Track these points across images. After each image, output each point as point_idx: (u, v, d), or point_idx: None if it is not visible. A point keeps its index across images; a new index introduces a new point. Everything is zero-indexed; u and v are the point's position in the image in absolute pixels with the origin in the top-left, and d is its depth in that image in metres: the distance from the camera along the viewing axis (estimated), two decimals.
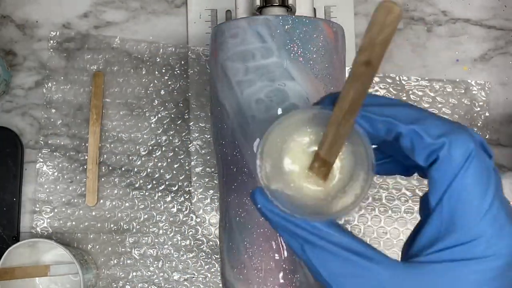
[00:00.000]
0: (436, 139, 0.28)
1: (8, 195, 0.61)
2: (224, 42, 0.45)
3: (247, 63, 0.44)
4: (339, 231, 0.29)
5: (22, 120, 0.62)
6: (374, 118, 0.29)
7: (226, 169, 0.46)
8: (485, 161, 0.28)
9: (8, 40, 0.63)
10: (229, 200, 0.46)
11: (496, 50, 0.63)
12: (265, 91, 0.44)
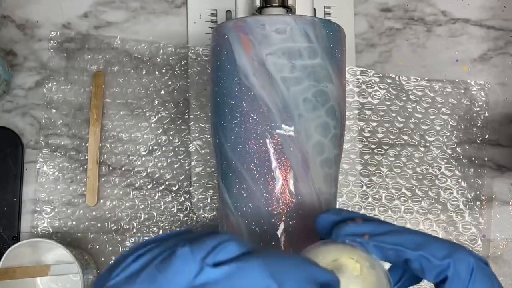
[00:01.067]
0: (442, 261, 0.33)
1: (9, 195, 0.61)
2: (266, 36, 0.45)
3: (294, 61, 0.44)
4: None
5: (23, 120, 0.62)
6: (384, 247, 0.33)
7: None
8: (485, 269, 0.33)
9: (8, 40, 0.63)
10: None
11: (496, 50, 0.63)
12: (312, 91, 0.45)
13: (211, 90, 0.48)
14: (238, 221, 0.46)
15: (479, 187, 0.61)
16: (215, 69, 0.47)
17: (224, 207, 0.47)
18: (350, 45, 0.62)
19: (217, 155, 0.48)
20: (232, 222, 0.46)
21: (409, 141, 0.62)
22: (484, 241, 0.61)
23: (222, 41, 0.46)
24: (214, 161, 0.61)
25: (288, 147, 0.44)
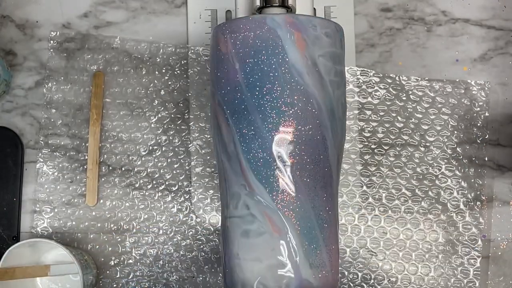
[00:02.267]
0: None
1: (8, 195, 0.61)
2: (318, 37, 0.46)
3: (336, 66, 0.47)
4: None
5: (22, 120, 0.62)
6: None
7: None
8: None
9: (8, 40, 0.63)
10: None
11: (496, 50, 0.63)
12: (344, 96, 0.48)
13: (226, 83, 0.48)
14: None
15: (479, 187, 0.61)
16: (251, 58, 0.45)
17: None
18: (350, 45, 0.62)
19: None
20: None
21: (409, 141, 0.61)
22: (484, 241, 0.61)
23: (267, 35, 0.45)
24: (214, 161, 0.61)
25: (331, 146, 0.46)
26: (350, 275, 0.60)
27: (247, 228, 0.46)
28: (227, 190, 0.47)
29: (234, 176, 0.46)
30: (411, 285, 0.60)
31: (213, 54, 0.48)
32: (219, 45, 0.47)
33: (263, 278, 0.45)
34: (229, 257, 0.47)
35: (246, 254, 0.46)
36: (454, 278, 0.60)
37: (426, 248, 0.61)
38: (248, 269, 0.45)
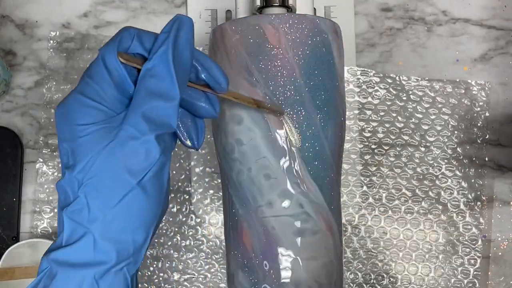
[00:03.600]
0: None
1: (8, 195, 0.61)
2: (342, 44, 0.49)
3: None
4: None
5: (22, 120, 0.62)
6: None
7: None
8: None
9: (8, 40, 0.63)
10: None
11: (496, 50, 0.63)
12: None
13: None
14: None
15: (479, 187, 0.61)
16: (306, 59, 0.45)
17: None
18: (350, 45, 0.62)
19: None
20: None
21: (409, 141, 0.61)
22: (484, 242, 0.61)
23: (320, 38, 0.46)
24: (215, 161, 0.61)
25: None
26: (350, 275, 0.60)
27: (302, 227, 0.45)
28: (272, 188, 0.46)
29: (285, 174, 0.45)
30: (411, 285, 0.60)
31: (258, 46, 0.46)
32: (268, 37, 0.45)
33: (318, 276, 0.45)
34: (271, 256, 0.45)
35: (301, 253, 0.45)
36: (454, 278, 0.60)
37: (426, 248, 0.61)
38: (304, 268, 0.45)
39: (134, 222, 0.36)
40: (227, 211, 0.48)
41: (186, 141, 0.39)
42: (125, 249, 0.36)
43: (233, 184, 0.46)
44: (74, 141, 0.36)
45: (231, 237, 0.47)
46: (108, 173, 0.35)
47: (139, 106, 0.36)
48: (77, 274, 0.35)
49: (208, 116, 0.40)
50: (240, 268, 0.46)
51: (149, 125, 0.36)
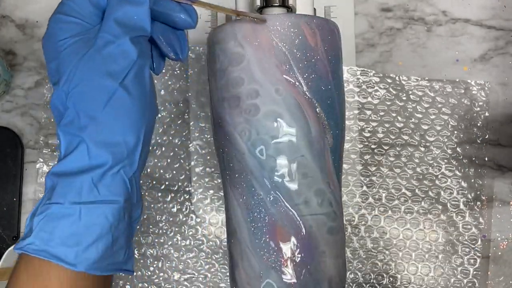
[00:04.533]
0: None
1: (8, 195, 0.61)
2: None
3: None
4: None
5: (22, 120, 0.62)
6: None
7: None
8: None
9: (8, 40, 0.63)
10: None
11: (496, 50, 0.63)
12: None
13: None
14: None
15: (479, 187, 0.61)
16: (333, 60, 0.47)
17: None
18: (350, 45, 0.62)
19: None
20: None
21: (409, 141, 0.61)
22: (484, 241, 0.61)
23: (339, 41, 0.49)
24: (215, 161, 0.61)
25: None
26: (350, 274, 0.60)
27: (331, 225, 0.46)
28: (309, 187, 0.46)
29: (320, 173, 0.46)
30: (411, 285, 0.60)
31: (299, 44, 0.46)
32: (307, 37, 0.46)
33: (341, 274, 0.47)
34: (309, 255, 0.46)
35: (331, 251, 0.46)
36: (454, 278, 0.60)
37: (426, 248, 0.61)
38: (334, 266, 0.46)
39: (122, 124, 0.38)
40: (250, 210, 0.46)
41: (170, 54, 0.41)
42: (118, 152, 0.38)
43: (263, 182, 0.46)
44: (57, 57, 0.38)
45: (255, 237, 0.46)
46: (90, 79, 0.37)
47: (111, 13, 0.38)
48: (75, 180, 0.37)
49: (186, 26, 0.41)
50: (273, 269, 0.45)
51: (123, 29, 0.38)
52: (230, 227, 0.48)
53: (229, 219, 0.48)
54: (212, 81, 0.48)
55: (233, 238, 0.47)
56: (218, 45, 0.47)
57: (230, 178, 0.47)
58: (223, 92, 0.46)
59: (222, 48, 0.46)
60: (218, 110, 0.47)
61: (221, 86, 0.47)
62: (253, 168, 0.46)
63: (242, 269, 0.46)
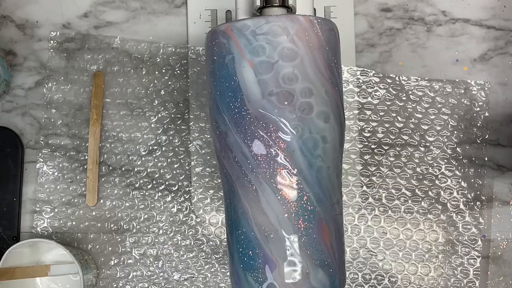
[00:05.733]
0: None
1: (8, 195, 0.61)
2: None
3: None
4: None
5: (22, 120, 0.62)
6: None
7: None
8: None
9: (8, 40, 0.63)
10: None
11: (496, 50, 0.63)
12: None
13: None
14: None
15: (479, 187, 0.61)
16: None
17: None
18: (350, 45, 0.62)
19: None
20: None
21: (409, 141, 0.62)
22: (484, 241, 0.61)
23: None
24: (214, 161, 0.61)
25: None
26: (350, 274, 0.61)
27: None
28: (340, 187, 0.49)
29: (341, 175, 0.49)
30: (411, 285, 0.60)
31: (337, 47, 0.49)
32: (338, 42, 0.49)
33: None
34: (342, 251, 0.48)
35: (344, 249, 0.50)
36: (454, 278, 0.60)
37: (426, 248, 0.61)
38: None
39: None
40: (296, 209, 0.46)
41: None
42: None
43: (310, 180, 0.46)
44: None
45: (303, 235, 0.46)
46: None
47: None
48: None
49: None
50: (320, 267, 0.46)
51: None
52: (266, 227, 0.46)
53: (264, 219, 0.46)
54: (244, 71, 0.46)
55: (273, 237, 0.46)
56: (263, 36, 0.45)
57: (269, 176, 0.46)
58: (269, 86, 0.45)
59: (270, 40, 0.45)
60: (259, 104, 0.45)
61: (267, 79, 0.45)
62: (302, 166, 0.46)
63: (284, 269, 0.45)
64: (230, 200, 0.48)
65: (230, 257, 0.48)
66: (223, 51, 0.46)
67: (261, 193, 0.46)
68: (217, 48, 0.47)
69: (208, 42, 0.48)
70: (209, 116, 0.50)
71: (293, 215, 0.46)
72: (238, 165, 0.46)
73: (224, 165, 0.48)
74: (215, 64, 0.47)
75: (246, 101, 0.45)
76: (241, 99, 0.45)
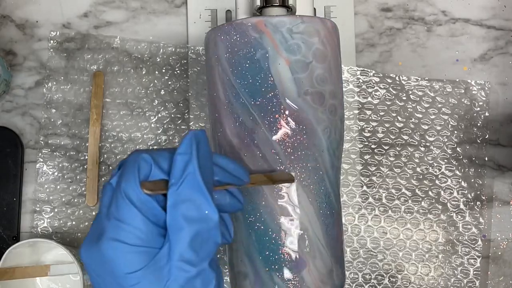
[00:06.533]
0: None
1: (8, 195, 0.61)
2: None
3: None
4: None
5: (22, 120, 0.62)
6: None
7: None
8: None
9: (8, 40, 0.63)
10: None
11: (496, 50, 0.63)
12: None
13: None
14: None
15: (479, 187, 0.61)
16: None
17: None
18: (350, 45, 0.62)
19: None
20: None
21: (409, 141, 0.61)
22: (484, 241, 0.61)
23: None
24: None
25: None
26: (350, 275, 0.60)
27: None
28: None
29: None
30: (411, 285, 0.60)
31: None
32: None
33: None
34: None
35: None
36: (454, 278, 0.60)
37: (426, 248, 0.61)
38: None
39: None
40: (320, 207, 0.46)
41: (224, 241, 0.38)
42: None
43: (333, 180, 0.47)
44: None
45: (327, 233, 0.46)
46: None
47: (182, 237, 0.34)
48: None
49: (236, 210, 0.39)
50: (338, 263, 0.47)
51: (198, 253, 0.35)
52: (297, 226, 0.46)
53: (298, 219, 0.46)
54: (280, 68, 0.45)
55: (304, 236, 0.45)
56: (300, 35, 0.45)
57: (299, 174, 0.45)
58: (305, 85, 0.45)
59: (305, 40, 0.45)
60: (294, 102, 0.45)
61: (302, 79, 0.45)
62: (327, 165, 0.46)
63: (314, 267, 0.45)
64: (251, 198, 0.46)
65: (247, 259, 0.47)
66: (253, 46, 0.45)
67: (302, 192, 0.46)
68: (244, 41, 0.45)
69: (227, 35, 0.46)
70: (222, 111, 0.47)
71: (321, 212, 0.46)
72: (266, 163, 0.45)
73: (246, 164, 0.46)
74: (241, 58, 0.45)
75: (282, 98, 0.45)
76: (276, 96, 0.45)
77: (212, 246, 0.36)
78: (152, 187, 0.35)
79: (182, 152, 0.36)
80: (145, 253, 0.34)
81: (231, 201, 0.39)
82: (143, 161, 0.36)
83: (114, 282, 0.35)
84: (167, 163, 0.36)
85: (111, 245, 0.34)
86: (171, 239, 0.35)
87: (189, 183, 0.35)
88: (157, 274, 0.34)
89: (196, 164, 0.35)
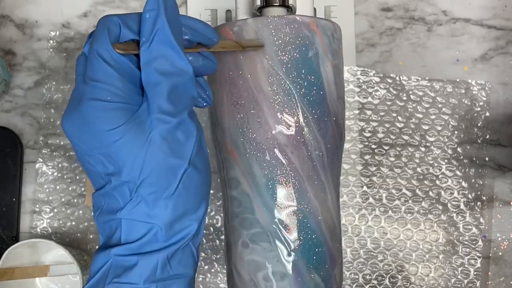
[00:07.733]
0: None
1: (8, 195, 0.61)
2: None
3: None
4: None
5: (22, 120, 0.62)
6: None
7: None
8: None
9: (7, 40, 0.63)
10: None
11: (497, 50, 0.63)
12: None
13: None
14: None
15: (480, 187, 0.61)
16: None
17: None
18: (350, 45, 0.62)
19: None
20: None
21: (409, 141, 0.61)
22: (485, 242, 0.61)
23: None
24: (214, 161, 0.61)
25: None
26: (350, 275, 0.60)
27: None
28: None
29: None
30: (412, 285, 0.60)
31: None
32: None
33: None
34: None
35: None
36: (454, 278, 0.60)
37: (426, 248, 0.61)
38: None
39: (195, 201, 0.37)
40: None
41: (201, 104, 0.40)
42: (191, 229, 0.37)
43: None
44: (109, 147, 0.35)
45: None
46: (159, 167, 0.36)
47: (159, 90, 0.35)
48: (150, 259, 0.36)
49: (211, 71, 0.40)
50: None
51: (177, 105, 0.36)
52: (331, 225, 0.46)
53: (328, 217, 0.46)
54: (327, 70, 0.46)
55: (335, 235, 0.47)
56: (337, 41, 0.48)
57: (333, 173, 0.47)
58: (339, 89, 0.47)
59: (339, 46, 0.48)
60: (335, 103, 0.46)
61: (338, 82, 0.47)
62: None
63: (340, 264, 0.48)
64: None
65: None
66: (306, 44, 0.45)
67: (328, 190, 0.46)
68: (301, 39, 0.45)
69: (284, 29, 0.45)
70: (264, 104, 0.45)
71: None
72: (312, 163, 0.45)
73: (292, 162, 0.45)
74: (297, 55, 0.45)
75: (328, 99, 0.46)
76: (324, 97, 0.45)
77: (189, 99, 0.37)
78: (123, 47, 0.36)
79: (149, 9, 0.36)
80: (125, 109, 0.35)
81: (204, 63, 0.39)
82: (112, 23, 0.36)
83: (97, 142, 0.35)
84: (137, 24, 0.36)
85: (91, 104, 0.35)
86: (149, 94, 0.36)
87: (159, 39, 0.35)
88: (139, 127, 0.35)
89: (164, 19, 0.35)
